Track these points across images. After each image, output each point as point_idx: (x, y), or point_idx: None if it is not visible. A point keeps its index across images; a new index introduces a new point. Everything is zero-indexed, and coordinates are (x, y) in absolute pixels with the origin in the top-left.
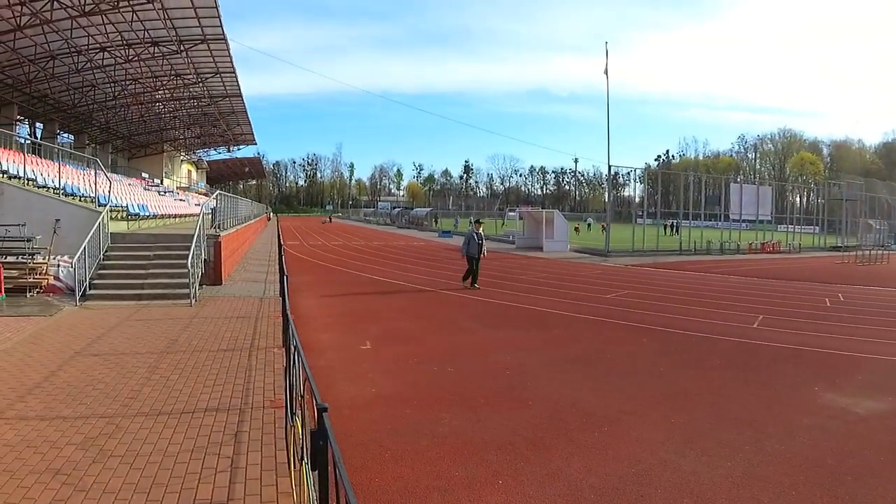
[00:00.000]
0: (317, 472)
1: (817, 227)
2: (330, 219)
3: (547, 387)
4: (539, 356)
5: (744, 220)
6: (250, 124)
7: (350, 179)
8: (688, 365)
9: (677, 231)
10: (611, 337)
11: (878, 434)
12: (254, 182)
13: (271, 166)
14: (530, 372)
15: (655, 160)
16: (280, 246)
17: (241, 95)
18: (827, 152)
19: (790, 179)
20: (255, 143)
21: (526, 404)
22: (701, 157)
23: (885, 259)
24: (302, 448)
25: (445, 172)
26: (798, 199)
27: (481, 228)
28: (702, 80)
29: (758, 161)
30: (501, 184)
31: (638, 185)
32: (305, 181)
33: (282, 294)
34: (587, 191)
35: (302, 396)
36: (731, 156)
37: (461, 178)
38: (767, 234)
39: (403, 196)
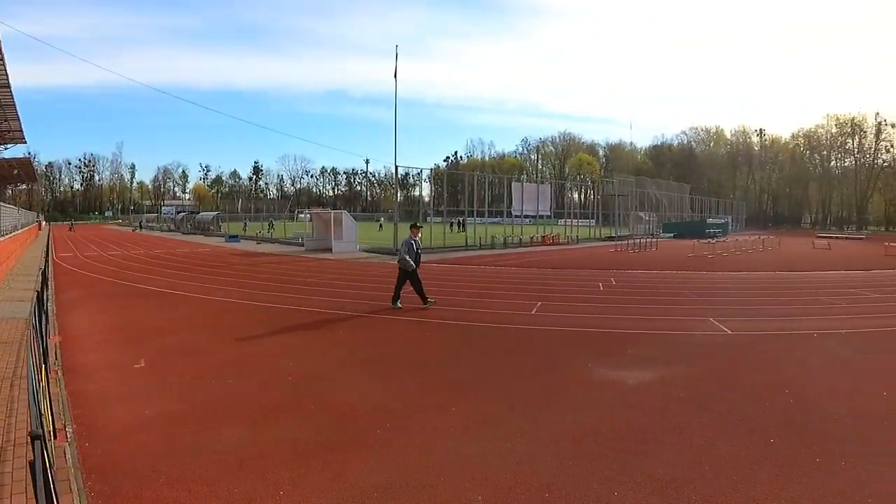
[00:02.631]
0: None
1: (593, 220)
2: (72, 226)
3: (332, 390)
4: (325, 359)
5: (526, 216)
6: (19, 120)
7: (131, 182)
8: (472, 355)
9: (464, 228)
10: (398, 334)
11: (648, 400)
12: (24, 187)
13: (43, 168)
14: (315, 376)
15: (444, 161)
16: (46, 259)
17: (9, 87)
18: (603, 154)
19: (569, 178)
20: (25, 142)
21: (308, 409)
22: (487, 158)
23: (654, 246)
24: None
25: (234, 174)
26: (576, 195)
27: (419, 234)
28: (493, 86)
29: (540, 161)
30: (292, 185)
31: (427, 184)
32: (82, 185)
33: (39, 315)
34: (379, 191)
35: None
36: (516, 157)
37: (250, 179)
38: (548, 227)
39: (190, 199)
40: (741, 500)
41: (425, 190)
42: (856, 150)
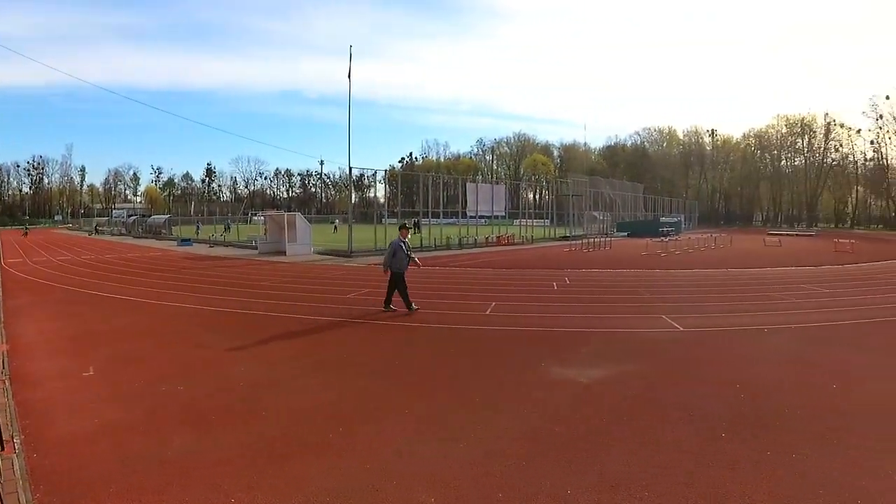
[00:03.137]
0: None
1: (548, 220)
2: (26, 231)
3: (284, 395)
4: (277, 364)
5: (481, 217)
6: None
7: (81, 185)
8: (426, 356)
9: (419, 229)
10: (350, 337)
11: (602, 398)
12: None
13: None
14: (266, 382)
15: (400, 162)
16: None
17: None
18: (557, 154)
19: (524, 178)
20: None
21: (260, 415)
22: (443, 159)
23: (608, 245)
24: None
25: (186, 176)
26: (531, 195)
27: (409, 235)
28: (448, 86)
29: (495, 162)
30: (246, 187)
31: (382, 186)
32: (31, 188)
33: None
34: (333, 193)
35: None
36: (471, 157)
37: (203, 181)
38: (503, 228)
39: (141, 202)
40: (693, 496)
41: (380, 191)
42: (805, 149)
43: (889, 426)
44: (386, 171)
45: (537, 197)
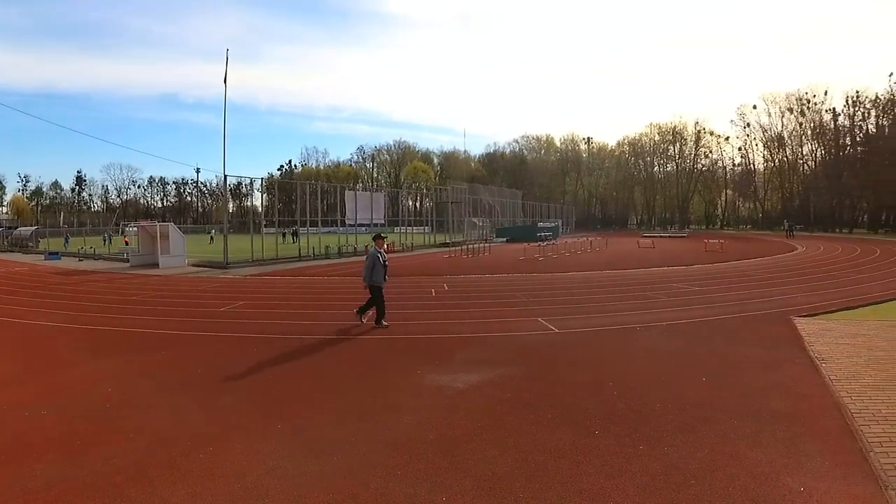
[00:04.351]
0: None
1: (428, 227)
2: None
3: (152, 415)
4: (144, 383)
5: (361, 225)
6: None
7: None
8: (300, 369)
9: (297, 237)
10: (222, 351)
11: (476, 401)
12: None
13: None
14: (135, 401)
15: (279, 170)
16: None
17: None
18: (438, 161)
19: (404, 186)
20: None
21: (128, 437)
22: (322, 167)
23: (487, 251)
24: None
25: (55, 185)
26: (411, 203)
27: (385, 245)
28: (328, 93)
29: (375, 169)
30: (119, 196)
31: (259, 194)
32: None
33: None
34: (210, 202)
35: None
36: (351, 165)
37: (73, 190)
38: None
39: (7, 213)
40: (568, 493)
41: (258, 200)
42: (677, 155)
43: (754, 415)
44: (264, 179)
45: (417, 204)
